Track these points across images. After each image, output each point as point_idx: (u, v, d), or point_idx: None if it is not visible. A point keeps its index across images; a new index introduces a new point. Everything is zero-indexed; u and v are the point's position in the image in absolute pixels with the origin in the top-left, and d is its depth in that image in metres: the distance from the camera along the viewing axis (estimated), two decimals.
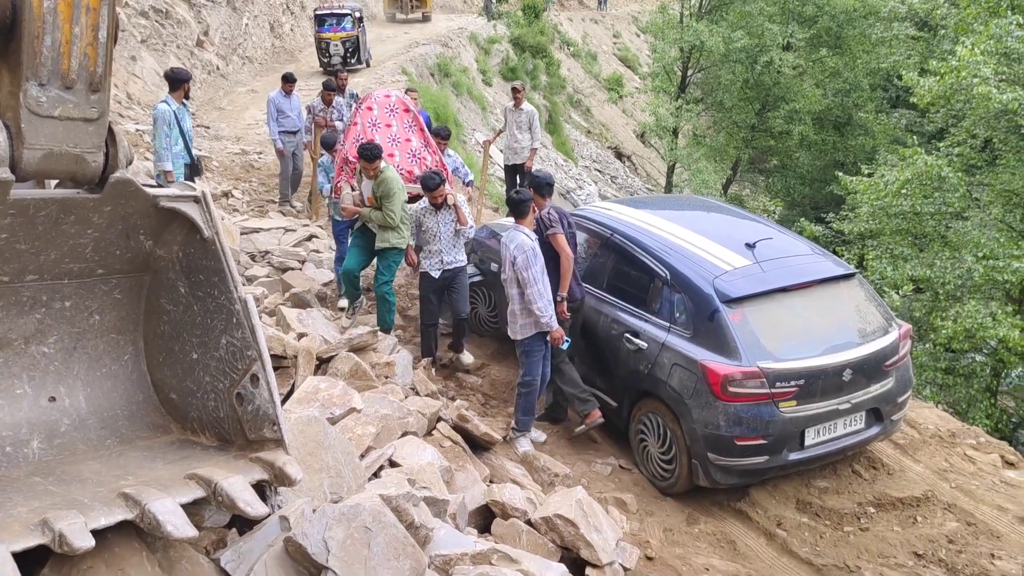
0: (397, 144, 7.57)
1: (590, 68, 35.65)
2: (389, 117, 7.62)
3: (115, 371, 3.47)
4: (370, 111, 7.59)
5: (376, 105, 7.64)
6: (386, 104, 7.69)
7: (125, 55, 15.41)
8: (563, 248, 6.02)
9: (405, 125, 7.69)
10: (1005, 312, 11.74)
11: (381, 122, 7.59)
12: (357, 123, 7.53)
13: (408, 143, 7.65)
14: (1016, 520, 5.54)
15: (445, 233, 6.75)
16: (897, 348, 5.65)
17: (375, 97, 7.78)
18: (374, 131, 7.46)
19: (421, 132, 7.74)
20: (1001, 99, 11.91)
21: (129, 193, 3.11)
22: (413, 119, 7.74)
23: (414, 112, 7.83)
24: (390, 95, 7.88)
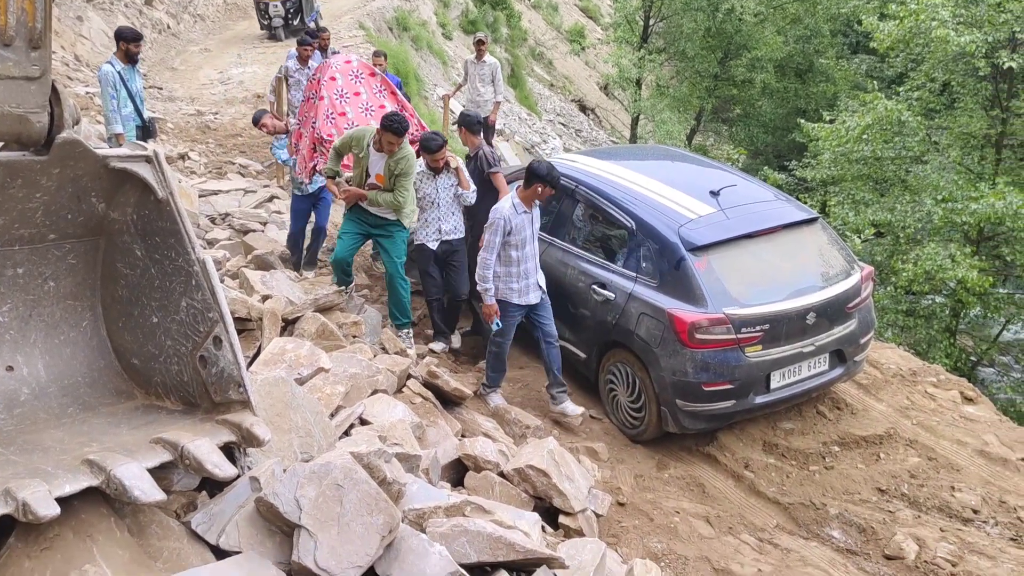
0: (371, 113, 7.00)
1: (551, 19, 35.18)
2: (356, 84, 7.06)
3: (74, 338, 3.40)
4: (334, 81, 6.98)
5: (339, 74, 7.03)
6: (348, 71, 7.11)
7: (71, 15, 14.90)
8: (503, 187, 6.45)
9: (374, 91, 7.15)
10: (963, 253, 11.99)
11: (349, 91, 7.00)
12: (324, 96, 6.88)
13: (383, 109, 6.97)
14: (975, 453, 5.72)
15: (444, 199, 6.28)
16: (859, 290, 5.74)
17: (335, 65, 7.14)
18: (343, 103, 6.92)
19: (393, 96, 7.23)
20: (959, 42, 12.01)
21: (77, 154, 3.01)
22: (381, 82, 7.23)
23: (380, 75, 7.32)
24: (350, 60, 7.32)
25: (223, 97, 15.00)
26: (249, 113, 13.88)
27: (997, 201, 11.46)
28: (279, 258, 7.42)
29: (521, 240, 5.51)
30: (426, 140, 6.11)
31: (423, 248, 6.38)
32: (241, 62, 17.41)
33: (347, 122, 6.80)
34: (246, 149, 12.06)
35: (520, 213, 5.49)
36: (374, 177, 6.12)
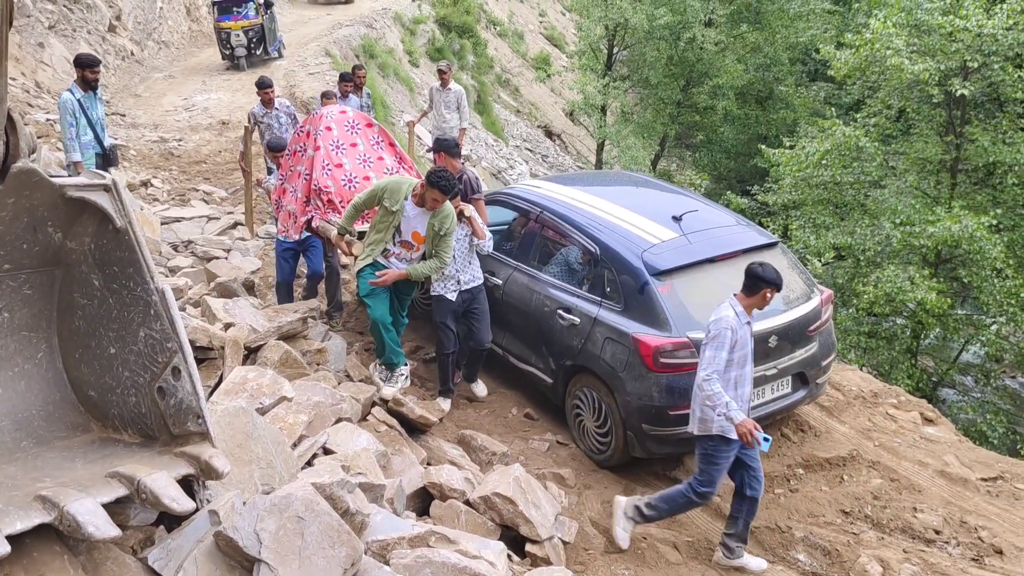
0: (369, 165, 6.66)
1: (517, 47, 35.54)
2: (352, 135, 6.69)
3: (28, 370, 3.32)
4: (330, 131, 6.59)
5: (335, 124, 6.66)
6: (344, 121, 6.73)
7: (32, 42, 14.74)
8: (484, 214, 6.36)
9: (372, 142, 6.78)
10: (922, 275, 12.23)
11: (345, 142, 6.62)
12: (320, 147, 6.48)
13: (381, 162, 6.72)
14: (936, 474, 5.80)
15: (460, 250, 5.89)
16: (820, 313, 5.82)
17: (330, 115, 6.75)
18: (340, 154, 6.54)
19: (392, 147, 6.86)
20: (913, 70, 12.34)
21: (33, 184, 2.97)
22: (379, 133, 6.87)
23: (377, 126, 6.96)
24: (345, 111, 6.93)
25: (187, 124, 14.90)
26: (214, 140, 13.83)
27: (953, 224, 11.73)
28: (242, 285, 7.34)
29: (742, 356, 4.64)
30: (441, 180, 5.53)
31: (442, 300, 5.96)
32: (206, 89, 17.34)
33: (344, 174, 6.49)
34: (210, 176, 11.97)
35: (743, 324, 4.63)
36: (409, 235, 5.61)
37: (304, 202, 6.52)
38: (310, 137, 6.66)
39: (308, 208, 6.48)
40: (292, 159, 6.83)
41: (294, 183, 6.70)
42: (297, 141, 6.83)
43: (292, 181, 6.75)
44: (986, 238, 11.71)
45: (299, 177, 6.63)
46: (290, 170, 6.83)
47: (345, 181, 6.47)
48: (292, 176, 6.77)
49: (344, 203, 6.25)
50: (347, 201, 6.17)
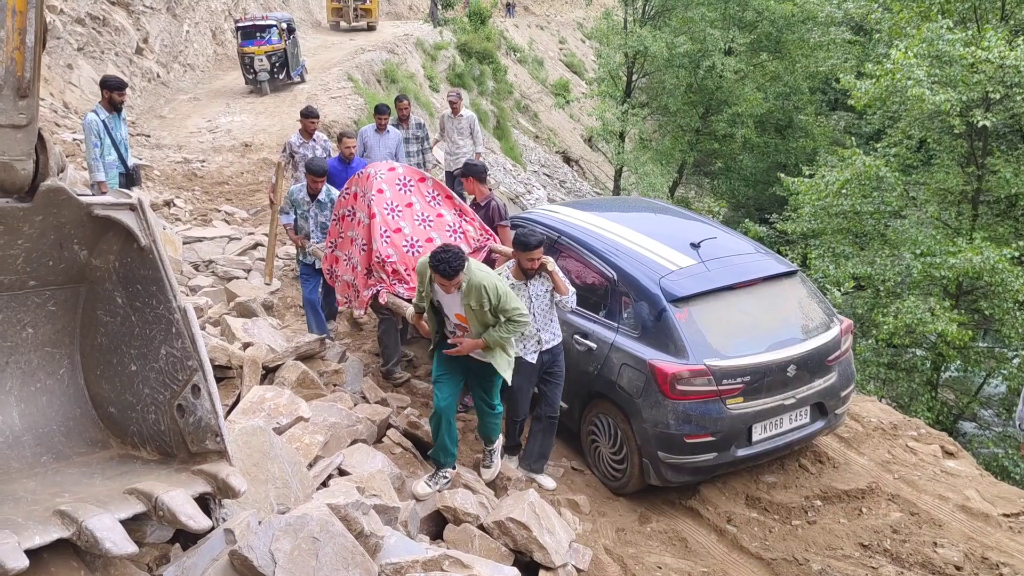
0: (429, 224, 6.08)
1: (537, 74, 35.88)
2: (406, 194, 6.09)
3: (50, 386, 3.36)
4: (381, 194, 5.96)
5: (386, 185, 6.04)
6: (395, 180, 6.11)
7: (61, 63, 15.04)
8: (508, 241, 6.15)
9: (427, 198, 6.14)
10: (943, 307, 12.12)
11: (400, 203, 6.01)
12: (375, 214, 5.85)
13: (441, 219, 6.13)
14: (957, 508, 5.70)
15: (540, 307, 5.31)
16: (839, 343, 5.78)
17: (379, 175, 6.10)
18: (397, 217, 5.94)
19: (450, 200, 6.25)
20: (934, 100, 12.30)
21: (61, 202, 3.03)
22: (434, 187, 6.25)
23: (431, 179, 6.33)
24: (394, 167, 6.30)
25: (211, 145, 15.10)
26: (236, 161, 14.01)
27: (975, 256, 11.64)
28: (261, 305, 7.40)
29: None
30: (524, 236, 5.08)
31: (521, 362, 5.28)
32: (229, 111, 17.58)
33: (404, 239, 5.90)
34: (232, 197, 12.11)
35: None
36: (454, 317, 4.93)
37: (365, 274, 5.93)
38: (359, 200, 6.07)
39: (371, 281, 5.88)
40: (341, 224, 6.28)
41: (347, 251, 6.19)
42: (344, 204, 6.25)
43: (345, 248, 6.24)
44: (1008, 270, 11.61)
45: (352, 244, 6.10)
46: (340, 236, 6.30)
47: (407, 247, 5.89)
48: (344, 243, 6.26)
49: (409, 271, 5.74)
50: (412, 268, 5.65)
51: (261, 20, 19.26)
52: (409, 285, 5.69)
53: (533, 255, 5.06)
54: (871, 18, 16.93)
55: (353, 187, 6.19)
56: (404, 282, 5.76)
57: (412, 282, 5.57)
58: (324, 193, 6.90)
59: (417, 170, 6.36)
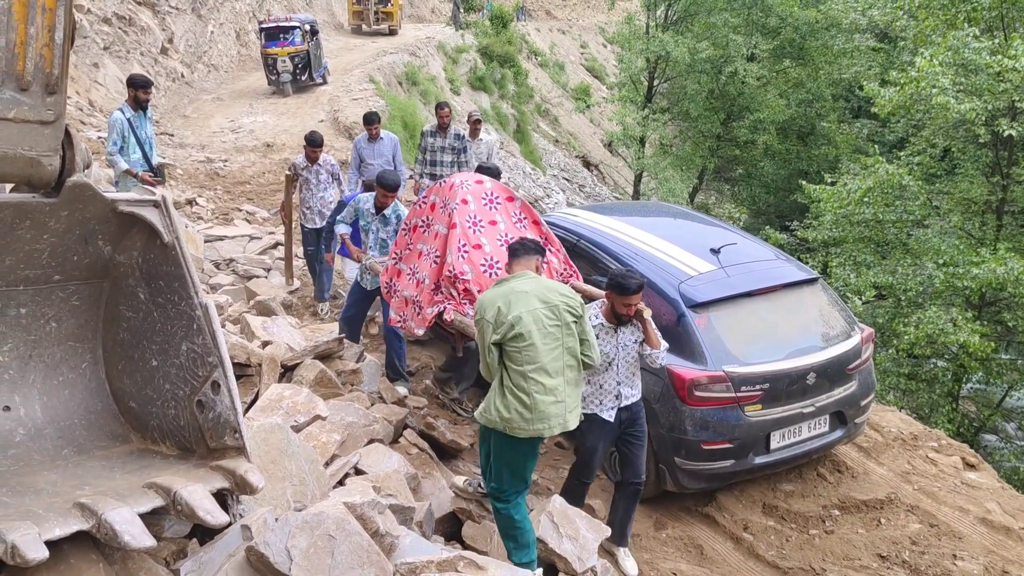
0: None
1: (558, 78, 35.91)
2: (491, 211, 5.54)
3: (73, 379, 3.40)
4: (465, 205, 5.44)
5: (471, 197, 5.51)
6: (481, 193, 5.58)
7: (87, 62, 15.21)
8: None
9: (513, 219, 5.60)
10: (965, 318, 11.98)
11: (484, 219, 5.46)
12: (456, 224, 5.33)
13: None
14: (977, 521, 5.64)
15: (625, 358, 4.69)
16: (860, 352, 5.73)
17: (465, 186, 5.60)
18: (478, 233, 5.38)
19: (536, 226, 5.66)
20: (959, 109, 12.17)
21: (87, 198, 3.06)
22: (521, 208, 5.70)
23: (519, 199, 5.78)
24: (482, 180, 5.74)
25: (233, 145, 15.23)
26: (258, 161, 14.11)
27: (998, 267, 11.50)
28: (280, 304, 7.44)
29: None
30: (622, 278, 4.50)
31: (595, 420, 4.71)
32: (252, 112, 17.73)
33: (483, 257, 5.34)
34: (253, 196, 12.19)
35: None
36: None
37: (433, 289, 5.38)
38: (437, 211, 5.58)
39: (438, 298, 5.34)
40: (411, 235, 5.74)
41: (413, 264, 5.64)
42: (419, 214, 5.73)
43: (411, 262, 5.69)
44: None
45: (421, 257, 5.59)
46: (407, 248, 5.75)
47: (485, 266, 5.31)
48: (411, 256, 5.71)
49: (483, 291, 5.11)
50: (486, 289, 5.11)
51: (285, 22, 19.39)
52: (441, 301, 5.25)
53: (631, 300, 4.48)
54: (896, 25, 16.80)
55: (432, 196, 5.67)
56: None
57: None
58: (391, 209, 6.43)
59: (506, 188, 5.83)
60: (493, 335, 3.92)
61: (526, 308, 3.96)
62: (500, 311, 3.93)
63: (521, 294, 4.01)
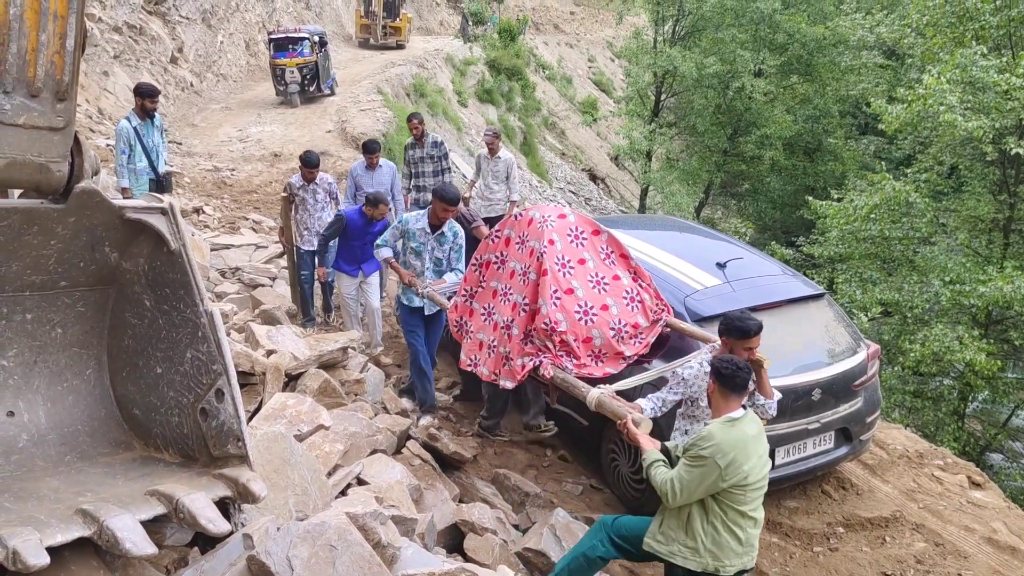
0: (605, 288, 5.08)
1: (565, 91, 36.01)
2: (578, 249, 5.11)
3: (77, 386, 3.40)
4: (552, 246, 4.99)
5: (557, 235, 5.04)
6: (566, 230, 5.13)
7: (97, 70, 15.31)
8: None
9: (601, 255, 5.20)
10: (972, 336, 11.93)
11: (572, 259, 5.01)
12: (547, 271, 4.88)
13: (618, 282, 5.15)
14: (983, 540, 5.59)
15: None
16: (865, 368, 5.70)
17: (549, 223, 5.10)
18: (569, 276, 4.94)
19: (624, 259, 5.30)
20: (967, 127, 12.17)
21: (94, 204, 3.07)
22: (608, 242, 5.29)
23: (605, 232, 5.36)
24: (565, 214, 5.27)
25: (241, 154, 15.29)
26: (265, 171, 14.16)
27: (1005, 285, 11.46)
28: (285, 313, 7.43)
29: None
30: (740, 321, 4.22)
31: None
32: (260, 122, 17.80)
33: (577, 303, 4.92)
34: (260, 205, 12.23)
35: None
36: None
37: (522, 339, 4.96)
38: (513, 247, 5.17)
39: (530, 349, 4.92)
40: (483, 271, 5.39)
41: (488, 303, 5.28)
42: (491, 249, 5.37)
43: (484, 300, 5.34)
44: None
45: (496, 297, 5.23)
46: (480, 286, 5.41)
47: (580, 313, 4.91)
48: (484, 294, 5.36)
49: (580, 342, 4.88)
50: (583, 339, 4.88)
51: (294, 33, 19.47)
52: (579, 360, 4.83)
53: (752, 343, 4.17)
54: (904, 43, 16.82)
55: (506, 231, 5.30)
56: (573, 355, 4.81)
57: (582, 356, 4.81)
58: (448, 226, 6.00)
59: (591, 220, 5.42)
60: (720, 482, 3.60)
61: (756, 455, 3.70)
62: (735, 461, 3.59)
63: (751, 439, 3.71)
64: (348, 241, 7.20)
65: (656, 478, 3.70)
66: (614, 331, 4.94)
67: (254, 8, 24.13)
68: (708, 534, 3.71)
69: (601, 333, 4.91)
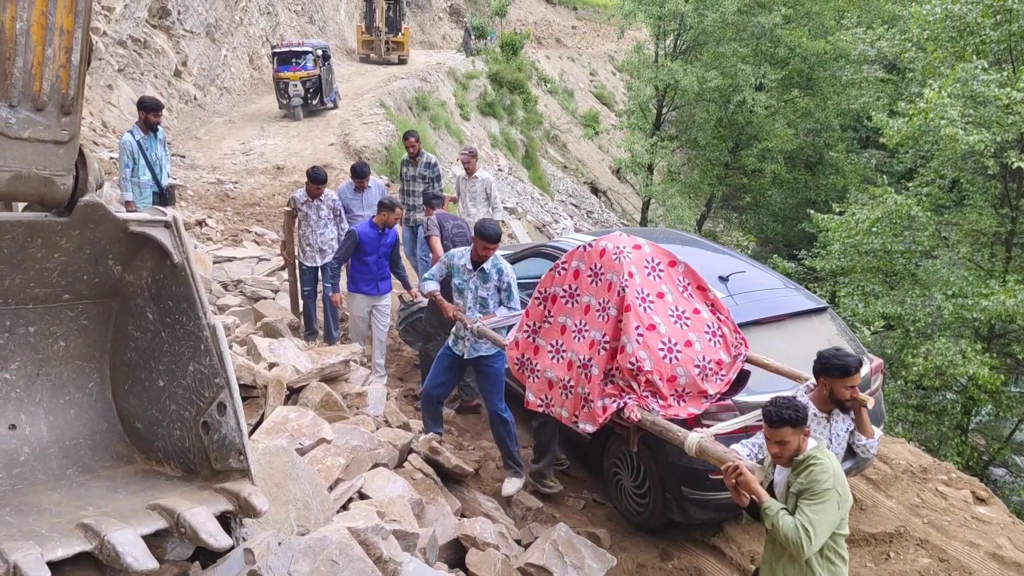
0: (686, 323, 4.82)
1: (567, 104, 36.14)
2: (656, 281, 4.83)
3: (79, 399, 3.39)
4: (632, 278, 4.71)
5: (635, 268, 4.76)
6: (643, 261, 4.85)
7: (102, 84, 15.37)
8: (435, 249, 7.12)
9: (679, 288, 4.95)
10: (974, 350, 11.91)
11: (651, 292, 4.75)
12: (631, 307, 4.60)
13: (698, 316, 4.90)
14: (988, 556, 5.56)
15: (835, 450, 4.09)
16: (868, 382, 5.68)
17: (626, 255, 4.81)
18: (649, 311, 4.67)
19: (702, 292, 5.05)
20: (968, 141, 12.20)
21: (98, 217, 3.07)
22: (684, 274, 5.04)
23: (682, 264, 5.09)
24: (640, 245, 4.97)
25: (244, 167, 15.33)
26: (268, 184, 14.20)
27: (1008, 299, 11.45)
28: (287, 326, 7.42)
29: None
30: (840, 358, 3.95)
31: None
32: (263, 135, 17.86)
33: (660, 340, 4.64)
34: (263, 218, 12.25)
35: None
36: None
37: (603, 379, 4.65)
38: (584, 280, 4.92)
39: (610, 389, 4.61)
40: (549, 306, 5.11)
41: (557, 340, 4.98)
42: (558, 282, 5.09)
43: (552, 337, 5.03)
44: None
45: (567, 333, 4.94)
46: (545, 321, 5.11)
47: (664, 350, 4.64)
48: (551, 330, 5.06)
49: (665, 380, 4.59)
50: (668, 379, 4.60)
51: (297, 46, 19.56)
52: (665, 401, 4.55)
53: (854, 380, 3.94)
54: (904, 57, 16.88)
55: (575, 262, 5.03)
56: (660, 396, 4.53)
57: (666, 397, 4.54)
58: (491, 263, 5.72)
59: (666, 251, 5.11)
60: (840, 512, 3.49)
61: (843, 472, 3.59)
62: (845, 485, 3.51)
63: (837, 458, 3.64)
64: (363, 258, 7.11)
65: (786, 528, 3.39)
66: (699, 368, 4.69)
67: (258, 22, 24.26)
68: (827, 569, 3.54)
69: (686, 371, 4.64)
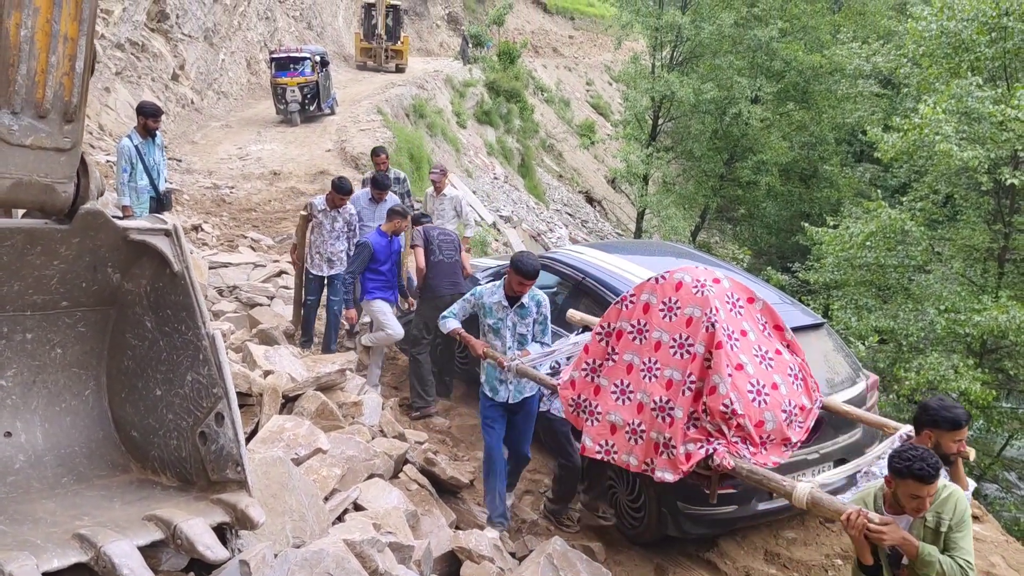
0: (770, 364, 4.44)
1: (563, 114, 36.23)
2: (737, 319, 4.47)
3: (75, 407, 3.37)
4: (718, 313, 4.33)
5: (719, 303, 4.38)
6: (724, 296, 4.48)
7: (99, 86, 15.34)
8: (418, 260, 7.10)
9: (759, 325, 4.60)
10: (967, 365, 11.96)
11: (735, 330, 4.40)
12: (722, 344, 4.22)
13: (780, 357, 4.54)
14: (981, 574, 5.56)
15: None
16: (865, 398, 5.69)
17: (709, 288, 4.45)
18: (736, 350, 4.30)
19: (779, 331, 4.69)
20: (962, 157, 12.28)
21: (98, 225, 3.06)
22: (763, 312, 4.67)
23: (761, 301, 4.72)
24: (719, 279, 4.57)
25: (240, 172, 15.30)
26: (265, 189, 14.18)
27: (1000, 314, 11.50)
28: (283, 333, 7.40)
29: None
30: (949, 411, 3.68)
31: None
32: (260, 140, 17.84)
33: (748, 381, 4.24)
34: (259, 224, 12.23)
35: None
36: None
37: (686, 422, 4.22)
38: (655, 314, 4.52)
39: (695, 434, 4.19)
40: (613, 342, 4.68)
41: (622, 379, 4.55)
42: (625, 316, 4.67)
43: (616, 376, 4.60)
44: None
45: (633, 372, 4.51)
46: (609, 358, 4.67)
47: (752, 392, 4.23)
48: (615, 369, 4.62)
49: (756, 426, 4.18)
50: (757, 423, 4.18)
51: (295, 52, 19.54)
52: (756, 448, 4.15)
53: (962, 434, 3.71)
54: (900, 72, 17.00)
55: (644, 295, 4.62)
56: (750, 442, 4.14)
57: (756, 443, 4.15)
58: (529, 297, 5.31)
59: (745, 286, 4.75)
60: None
61: None
62: None
63: None
64: (378, 268, 7.11)
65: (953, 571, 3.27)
66: (785, 414, 4.29)
67: (256, 27, 24.26)
68: None
69: (774, 416, 4.23)
